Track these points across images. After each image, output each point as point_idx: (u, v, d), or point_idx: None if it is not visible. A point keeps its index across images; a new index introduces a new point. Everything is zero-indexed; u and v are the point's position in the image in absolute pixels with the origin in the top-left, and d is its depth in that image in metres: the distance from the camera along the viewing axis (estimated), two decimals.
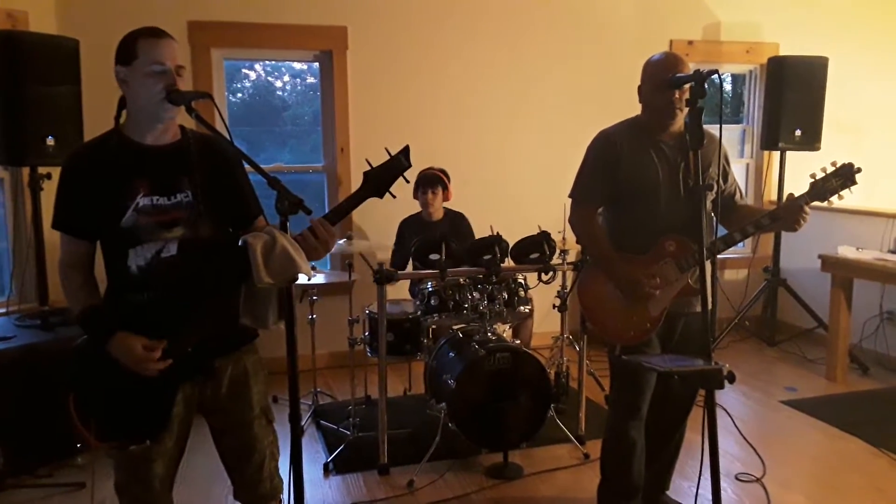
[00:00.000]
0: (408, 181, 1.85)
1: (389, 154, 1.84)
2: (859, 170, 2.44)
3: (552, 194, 3.96)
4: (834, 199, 2.46)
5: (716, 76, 2.04)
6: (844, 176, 2.43)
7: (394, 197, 1.88)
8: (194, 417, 2.00)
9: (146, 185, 1.85)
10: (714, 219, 2.41)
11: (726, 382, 1.98)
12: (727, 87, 6.16)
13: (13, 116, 3.29)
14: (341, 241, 3.88)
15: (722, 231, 2.56)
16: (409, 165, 1.83)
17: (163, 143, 1.90)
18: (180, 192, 1.87)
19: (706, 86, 2.05)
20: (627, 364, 2.45)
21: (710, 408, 2.04)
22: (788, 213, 2.44)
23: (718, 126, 2.15)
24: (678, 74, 2.29)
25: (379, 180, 1.82)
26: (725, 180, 2.64)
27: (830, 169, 2.45)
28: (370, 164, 1.86)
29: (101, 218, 1.84)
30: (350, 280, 3.75)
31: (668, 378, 2.47)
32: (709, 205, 2.52)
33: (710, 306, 2.10)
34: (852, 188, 2.45)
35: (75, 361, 1.88)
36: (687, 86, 2.25)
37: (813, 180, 2.46)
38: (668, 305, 2.52)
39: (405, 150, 1.83)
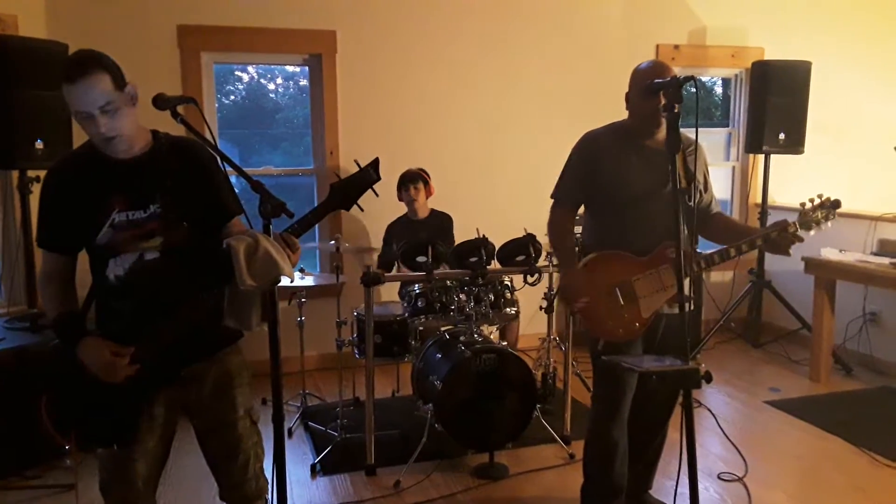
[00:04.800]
0: (377, 194, 1.86)
1: (359, 166, 1.85)
2: (839, 205, 2.58)
3: (538, 197, 3.98)
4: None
5: (693, 82, 2.09)
6: (828, 210, 2.58)
7: (361, 210, 1.90)
8: (180, 419, 2.03)
9: (121, 201, 1.86)
10: (693, 225, 2.45)
11: (706, 382, 2.03)
12: (718, 90, 6.23)
13: (2, 120, 3.31)
14: (331, 243, 3.91)
15: (704, 243, 2.62)
16: (378, 178, 1.83)
17: (134, 154, 1.89)
18: (154, 203, 1.88)
19: (687, 90, 2.10)
20: (607, 364, 2.49)
21: (688, 407, 2.07)
22: (783, 241, 2.55)
23: (696, 131, 2.20)
24: (656, 80, 2.34)
25: (345, 193, 1.84)
26: (705, 189, 2.69)
27: (817, 201, 2.58)
28: (359, 165, 1.88)
29: (79, 235, 1.87)
30: (338, 282, 3.77)
31: (646, 378, 2.51)
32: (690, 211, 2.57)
33: (690, 307, 2.15)
34: (830, 222, 2.59)
35: (49, 365, 1.91)
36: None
37: (801, 210, 2.59)
38: (660, 308, 2.56)
39: (375, 163, 1.84)
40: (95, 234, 1.85)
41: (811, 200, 2.58)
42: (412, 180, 4.32)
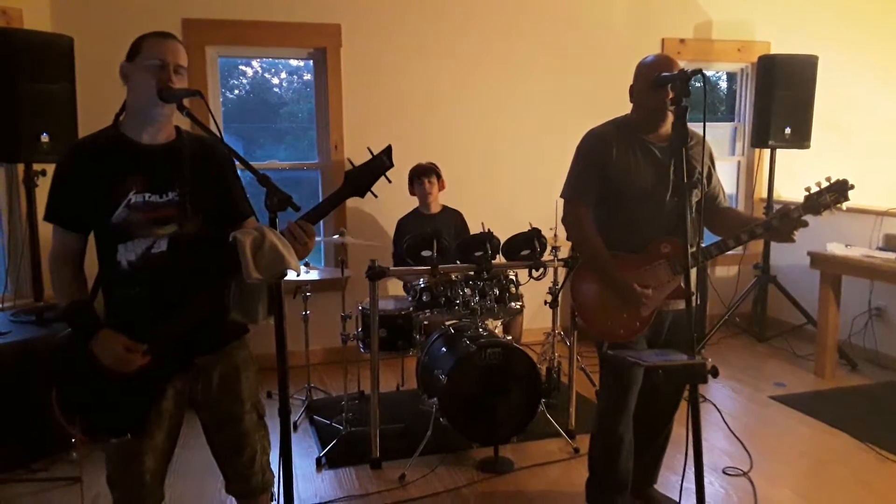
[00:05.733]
0: (389, 181, 1.87)
1: (372, 153, 1.86)
2: (853, 186, 2.46)
3: (544, 191, 4.00)
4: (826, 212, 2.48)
5: (700, 75, 2.08)
6: (838, 191, 2.45)
7: (375, 196, 1.90)
8: (186, 412, 2.03)
9: (139, 183, 1.87)
10: (699, 220, 2.43)
11: (712, 377, 2.02)
12: (722, 84, 6.21)
13: (8, 113, 3.31)
14: (335, 237, 3.92)
15: (707, 235, 2.59)
16: (391, 165, 1.84)
17: (158, 142, 1.92)
18: (171, 190, 1.90)
19: (693, 84, 2.08)
20: (614, 359, 2.48)
21: (694, 402, 2.07)
22: (786, 227, 2.46)
23: (703, 125, 2.18)
24: (664, 73, 2.32)
25: (359, 180, 1.84)
26: (709, 181, 2.66)
27: (825, 184, 2.46)
28: (371, 152, 1.87)
29: (93, 212, 1.87)
30: (343, 276, 3.77)
31: (653, 373, 2.50)
32: (694, 206, 2.54)
33: (695, 303, 2.14)
34: (844, 204, 2.47)
35: (58, 355, 1.91)
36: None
37: (807, 194, 2.48)
38: (659, 306, 2.54)
39: (387, 150, 1.85)
40: (111, 214, 1.85)
41: (818, 184, 2.47)
42: (426, 173, 4.30)
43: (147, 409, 1.88)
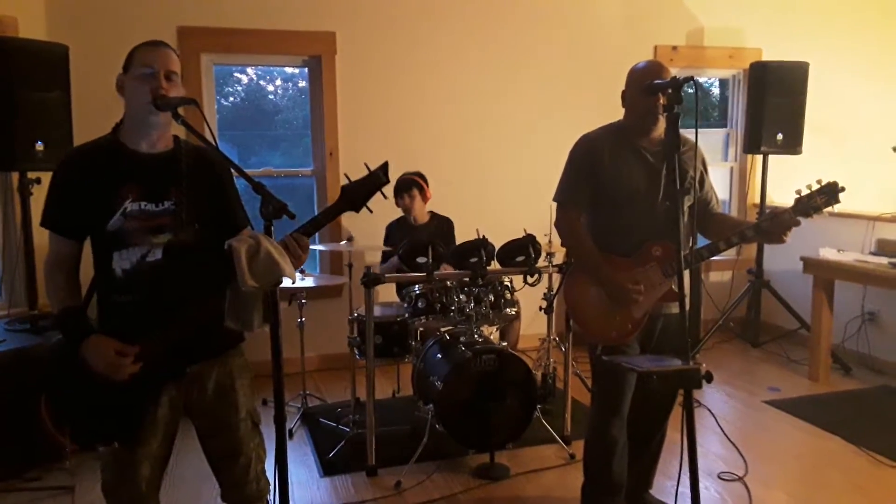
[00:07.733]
0: (385, 196, 1.89)
1: (368, 169, 1.87)
2: (843, 188, 2.46)
3: (538, 197, 4.00)
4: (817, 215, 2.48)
5: (692, 82, 2.09)
6: (829, 194, 2.46)
7: (370, 212, 1.92)
8: (181, 420, 2.03)
9: (135, 191, 1.88)
10: (692, 225, 2.45)
11: (706, 382, 2.03)
12: (715, 91, 6.25)
13: (2, 121, 3.31)
14: (342, 243, 3.92)
15: (701, 240, 2.60)
16: (387, 181, 1.86)
17: (155, 151, 1.93)
18: (167, 199, 1.90)
19: (685, 91, 2.10)
20: (608, 364, 2.49)
21: (689, 407, 2.08)
22: (776, 228, 2.47)
23: (695, 131, 2.20)
24: (656, 81, 2.34)
25: (355, 195, 1.86)
26: (702, 186, 2.68)
27: (816, 186, 2.47)
28: (368, 168, 1.89)
29: (89, 219, 1.87)
30: (350, 279, 3.76)
31: (647, 378, 2.51)
32: (687, 211, 2.56)
33: (688, 307, 2.15)
34: (836, 207, 2.47)
35: (50, 362, 1.91)
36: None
37: (798, 196, 2.48)
38: (651, 309, 2.56)
39: (384, 167, 1.87)
40: (107, 221, 1.85)
41: (808, 187, 2.47)
42: (406, 188, 4.23)
43: (139, 417, 1.88)
